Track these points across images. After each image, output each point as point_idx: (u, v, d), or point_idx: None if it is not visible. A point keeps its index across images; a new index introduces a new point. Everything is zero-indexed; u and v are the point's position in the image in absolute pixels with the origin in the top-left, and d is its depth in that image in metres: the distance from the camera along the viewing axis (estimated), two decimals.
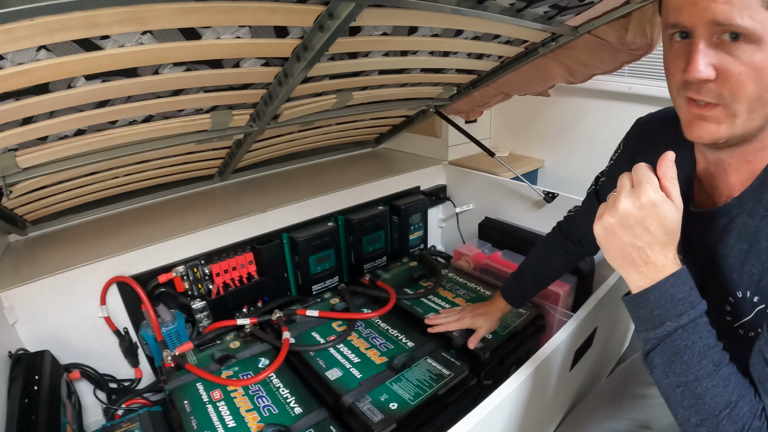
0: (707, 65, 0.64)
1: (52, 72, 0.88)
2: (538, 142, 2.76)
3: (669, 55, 0.72)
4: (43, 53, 0.82)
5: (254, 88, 1.26)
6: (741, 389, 0.64)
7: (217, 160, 1.79)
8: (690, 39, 0.67)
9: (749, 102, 0.65)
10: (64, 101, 0.99)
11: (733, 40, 0.63)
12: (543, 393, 1.10)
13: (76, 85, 0.95)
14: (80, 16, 0.75)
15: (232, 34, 0.96)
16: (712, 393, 0.64)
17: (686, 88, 0.69)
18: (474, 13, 1.12)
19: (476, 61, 1.59)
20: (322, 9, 0.96)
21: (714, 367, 0.65)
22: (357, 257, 1.92)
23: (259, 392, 1.20)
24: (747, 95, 0.64)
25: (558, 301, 1.63)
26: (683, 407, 0.67)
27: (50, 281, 1.30)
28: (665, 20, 0.70)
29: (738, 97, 0.65)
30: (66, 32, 0.79)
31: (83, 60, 0.87)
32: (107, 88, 1.00)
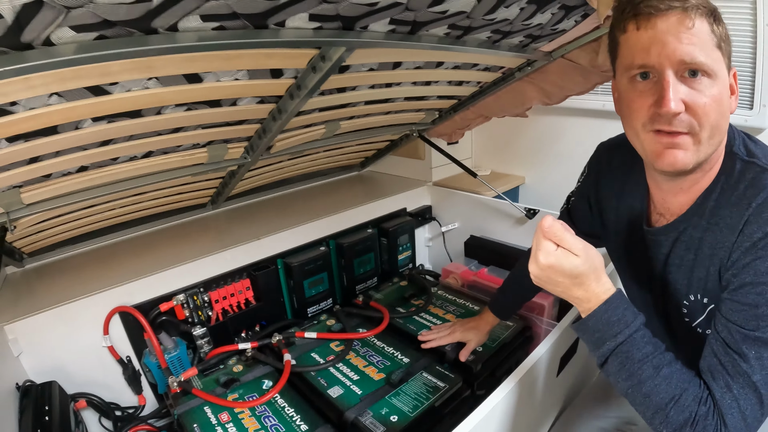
0: (678, 100, 0.73)
1: (62, 116, 0.93)
2: (518, 160, 2.84)
3: (631, 95, 0.80)
4: (55, 98, 0.88)
5: (249, 123, 1.33)
6: (683, 383, 0.75)
7: (210, 189, 1.84)
8: (654, 78, 0.76)
9: (711, 129, 0.75)
10: (70, 142, 1.04)
11: (692, 76, 0.74)
12: (532, 398, 1.16)
13: (83, 126, 1.01)
14: (93, 66, 0.81)
15: (231, 77, 1.03)
16: (656, 391, 0.76)
17: (655, 122, 0.77)
18: (454, 48, 1.20)
19: (456, 88, 1.67)
20: (315, 52, 1.04)
21: (654, 370, 0.76)
22: (349, 279, 1.97)
23: (265, 412, 1.24)
24: (710, 123, 0.75)
25: (543, 312, 1.69)
26: (637, 404, 0.79)
27: (54, 313, 1.33)
28: (628, 63, 0.79)
29: (704, 125, 0.75)
30: (78, 81, 0.85)
31: (92, 104, 0.93)
32: (112, 128, 1.05)
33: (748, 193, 0.76)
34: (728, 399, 0.72)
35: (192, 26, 0.77)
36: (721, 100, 0.75)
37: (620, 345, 0.79)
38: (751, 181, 0.77)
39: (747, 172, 0.78)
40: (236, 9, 0.76)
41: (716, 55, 0.74)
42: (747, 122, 1.98)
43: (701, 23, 0.72)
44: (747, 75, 1.91)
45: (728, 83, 0.77)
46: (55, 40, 0.70)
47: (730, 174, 0.80)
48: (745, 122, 1.98)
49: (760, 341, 0.71)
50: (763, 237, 0.72)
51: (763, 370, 0.71)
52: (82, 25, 0.68)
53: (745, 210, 0.75)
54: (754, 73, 1.90)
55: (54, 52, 0.71)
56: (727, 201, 0.79)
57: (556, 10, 1.17)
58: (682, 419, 0.74)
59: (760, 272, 0.72)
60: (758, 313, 0.72)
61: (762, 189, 0.75)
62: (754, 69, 1.89)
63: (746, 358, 0.72)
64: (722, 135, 0.78)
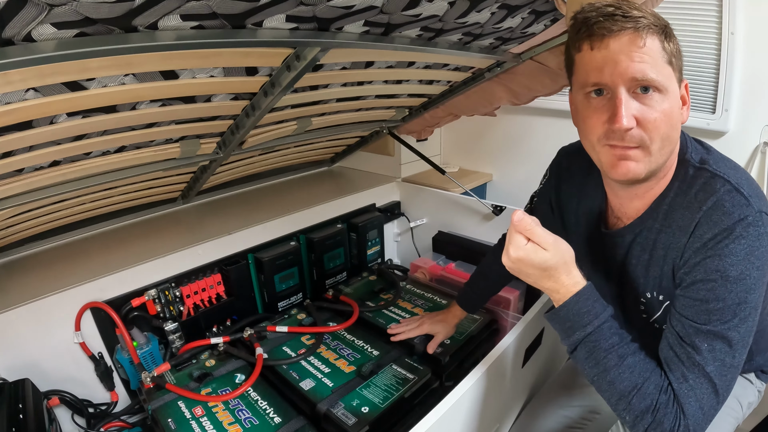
0: (630, 116, 0.78)
1: (38, 111, 0.93)
2: (486, 158, 2.89)
3: (586, 111, 0.85)
4: (31, 93, 0.87)
5: (222, 119, 1.34)
6: (645, 372, 0.80)
7: (181, 184, 1.84)
8: (608, 95, 0.81)
9: (661, 141, 0.80)
10: (44, 136, 1.04)
11: (644, 92, 0.79)
12: (499, 388, 1.20)
13: (58, 121, 1.01)
14: (73, 62, 0.82)
15: (207, 74, 1.05)
16: (620, 379, 0.81)
17: (609, 137, 0.82)
18: (426, 49, 1.24)
19: (427, 86, 1.71)
20: (290, 51, 1.06)
21: (619, 359, 0.81)
22: (319, 274, 2.00)
23: (239, 406, 1.26)
24: (660, 136, 0.80)
25: (509, 306, 1.75)
26: (603, 391, 0.84)
27: (25, 309, 1.31)
28: (582, 80, 0.84)
29: (654, 139, 0.80)
30: (57, 76, 0.85)
31: (68, 99, 0.93)
32: (87, 123, 1.05)
33: (699, 197, 0.81)
34: (685, 389, 0.77)
35: (171, 25, 0.79)
36: (671, 114, 0.80)
37: (588, 335, 0.84)
38: (702, 186, 0.82)
39: (698, 177, 0.83)
40: (216, 9, 0.78)
41: (667, 71, 0.79)
42: (709, 126, 2.06)
43: (652, 41, 0.77)
44: (710, 81, 1.99)
45: (679, 95, 0.82)
46: (35, 37, 0.71)
47: (683, 180, 0.85)
48: (708, 126, 2.06)
49: (711, 334, 0.76)
50: (713, 238, 0.77)
51: (716, 362, 0.76)
52: (64, 22, 0.69)
53: (696, 213, 0.80)
54: (717, 79, 1.98)
55: (34, 49, 0.72)
56: (679, 204, 0.84)
57: (526, 14, 1.22)
58: (643, 406, 0.79)
59: (709, 270, 0.77)
60: (709, 308, 0.77)
61: (712, 193, 0.79)
62: (718, 75, 1.97)
63: (699, 350, 0.77)
64: (673, 145, 0.84)
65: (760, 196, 0.79)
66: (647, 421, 0.79)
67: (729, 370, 0.77)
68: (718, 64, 1.97)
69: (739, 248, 0.75)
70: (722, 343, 0.76)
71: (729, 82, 1.96)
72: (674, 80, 0.80)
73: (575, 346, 0.86)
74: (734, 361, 0.77)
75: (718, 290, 0.76)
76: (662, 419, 0.78)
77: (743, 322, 0.76)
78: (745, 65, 1.95)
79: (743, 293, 0.76)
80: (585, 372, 0.87)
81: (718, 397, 0.77)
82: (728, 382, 0.78)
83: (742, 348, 0.77)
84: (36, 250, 1.67)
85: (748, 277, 0.75)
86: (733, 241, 0.75)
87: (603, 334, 0.83)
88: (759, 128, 1.99)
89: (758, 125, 1.99)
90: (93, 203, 1.62)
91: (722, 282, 0.76)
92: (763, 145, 2.00)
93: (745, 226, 0.75)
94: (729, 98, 1.99)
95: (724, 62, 1.95)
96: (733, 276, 0.75)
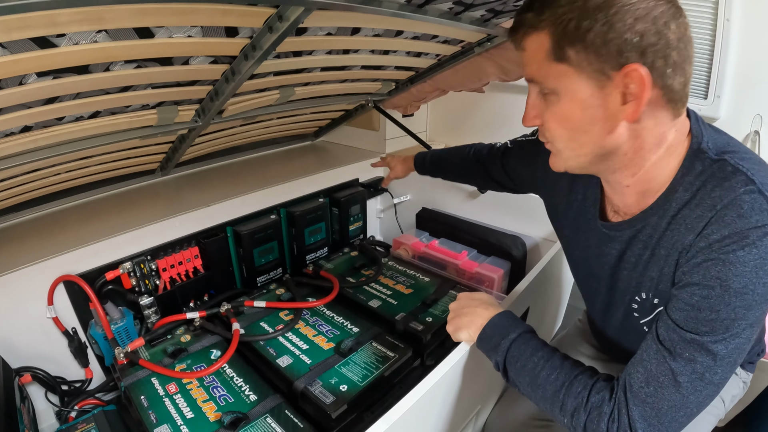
0: (531, 116, 0.82)
1: (6, 69, 0.88)
2: (473, 135, 2.85)
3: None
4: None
5: (201, 84, 1.28)
6: (570, 372, 0.82)
7: (159, 155, 1.78)
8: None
9: (564, 142, 0.79)
10: (14, 98, 0.98)
11: (544, 93, 0.78)
12: (481, 369, 1.17)
13: (27, 81, 0.95)
14: (41, 14, 0.76)
15: (184, 33, 0.99)
16: (547, 380, 0.83)
17: None
18: (414, 16, 1.19)
19: (414, 59, 1.67)
20: (272, 11, 1.01)
21: (544, 362, 0.85)
22: (299, 249, 1.96)
23: (213, 383, 1.23)
24: (559, 137, 0.79)
25: (493, 285, 1.74)
26: (539, 400, 0.86)
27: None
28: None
29: (554, 138, 0.81)
30: (24, 30, 0.79)
31: (37, 57, 0.88)
32: (58, 84, 1.00)
33: (715, 193, 0.72)
34: (643, 395, 0.73)
35: None
36: (564, 117, 0.76)
37: (513, 342, 0.90)
38: (719, 182, 0.72)
39: (716, 171, 0.74)
40: None
41: (556, 70, 0.73)
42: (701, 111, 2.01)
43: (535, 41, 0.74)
44: (704, 66, 1.98)
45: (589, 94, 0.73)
46: None
47: (699, 174, 0.75)
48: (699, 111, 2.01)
49: (695, 344, 0.70)
50: (720, 239, 0.69)
51: (693, 374, 0.71)
52: None
53: (709, 212, 0.71)
54: (710, 65, 1.97)
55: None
56: (690, 201, 0.75)
57: None
58: (576, 404, 0.79)
59: (708, 275, 0.70)
60: (699, 316, 0.70)
61: (730, 191, 0.70)
62: (711, 61, 1.96)
63: (677, 357, 0.72)
64: (588, 147, 0.77)
65: None
66: (582, 419, 0.77)
67: (707, 386, 0.71)
68: (712, 50, 1.95)
69: (748, 258, 0.66)
70: (705, 356, 0.70)
71: (722, 68, 1.95)
72: (573, 79, 0.72)
73: (504, 358, 0.90)
74: (714, 378, 0.71)
75: (714, 300, 0.69)
76: (597, 418, 0.76)
77: (735, 337, 0.69)
78: (740, 53, 1.94)
79: (742, 309, 0.68)
80: (521, 388, 0.90)
81: (686, 412, 0.72)
82: (702, 398, 0.72)
83: (727, 365, 0.71)
84: (8, 224, 1.61)
85: (751, 292, 0.67)
86: (743, 248, 0.67)
87: (527, 341, 0.90)
88: (750, 116, 1.99)
89: (750, 113, 1.99)
90: (68, 173, 1.56)
91: (721, 292, 0.68)
92: (753, 134, 2.00)
93: (761, 235, 0.66)
94: (722, 85, 1.98)
95: (719, 48, 1.94)
96: (735, 288, 0.67)
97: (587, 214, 0.98)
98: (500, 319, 0.95)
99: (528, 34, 0.75)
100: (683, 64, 0.71)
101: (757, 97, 1.98)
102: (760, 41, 1.91)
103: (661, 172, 0.79)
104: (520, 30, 0.76)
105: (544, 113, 0.79)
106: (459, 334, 1.02)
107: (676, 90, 0.72)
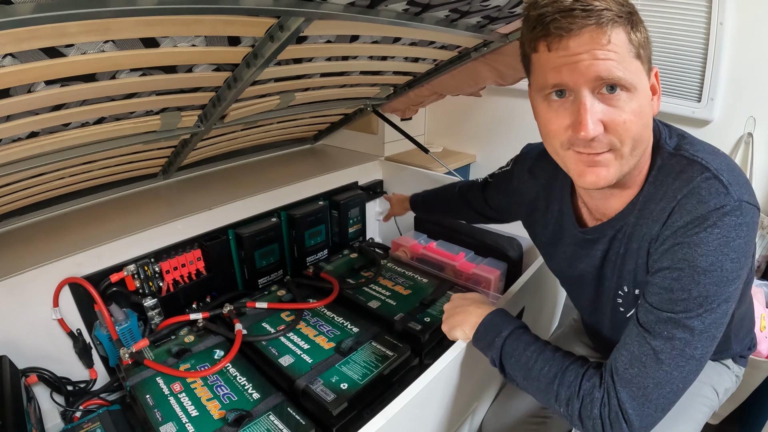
0: (596, 122, 0.73)
1: (15, 78, 0.90)
2: (470, 139, 2.89)
3: (548, 115, 0.79)
4: (8, 59, 0.84)
5: (204, 91, 1.31)
6: (562, 363, 0.85)
7: (161, 159, 1.81)
8: (570, 97, 0.75)
9: (633, 142, 0.75)
10: (22, 105, 1.01)
11: (611, 92, 0.72)
12: (477, 367, 1.20)
13: (36, 89, 0.98)
14: (50, 26, 0.79)
15: (188, 43, 1.02)
16: (541, 372, 0.86)
17: (574, 143, 0.77)
18: (412, 24, 1.22)
19: (412, 64, 1.70)
20: (273, 21, 1.04)
21: (537, 355, 0.88)
22: (300, 251, 1.99)
23: (217, 382, 1.26)
24: (631, 137, 0.75)
25: (490, 286, 1.76)
26: (533, 390, 0.90)
27: (2, 285, 1.28)
28: (541, 82, 0.78)
29: (625, 141, 0.75)
30: (34, 41, 0.82)
31: (46, 66, 0.90)
32: (65, 92, 1.02)
33: (675, 185, 0.77)
34: (629, 375, 0.76)
35: None
36: (641, 113, 0.74)
37: (506, 339, 0.93)
38: (677, 174, 0.78)
39: (674, 164, 0.79)
40: None
41: (635, 67, 0.73)
42: (694, 114, 2.09)
43: (617, 36, 0.70)
44: (697, 69, 2.01)
45: (649, 88, 0.77)
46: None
47: (659, 169, 0.81)
48: (693, 114, 2.09)
49: (672, 322, 0.74)
50: (684, 226, 0.73)
51: (673, 351, 0.74)
52: None
53: (671, 202, 0.76)
54: (704, 67, 2.00)
55: (11, 11, 0.69)
56: (654, 195, 0.81)
57: None
58: (569, 393, 0.82)
59: (677, 258, 0.74)
60: (673, 297, 0.74)
61: (688, 181, 0.75)
62: (705, 64, 1.99)
63: (656, 336, 0.75)
64: (646, 144, 0.80)
65: (742, 183, 0.75)
66: (576, 407, 0.80)
67: (688, 361, 0.74)
68: (705, 53, 1.99)
69: (711, 238, 0.71)
70: (683, 332, 0.73)
71: (716, 71, 1.98)
72: (643, 74, 0.75)
73: (499, 354, 0.94)
74: (695, 353, 0.74)
75: (684, 280, 0.73)
76: (590, 404, 0.79)
77: (710, 313, 0.73)
78: (733, 56, 1.97)
79: (712, 286, 0.72)
80: (518, 382, 0.93)
81: (672, 387, 0.75)
82: (686, 374, 0.75)
83: (706, 340, 0.74)
84: (14, 226, 1.63)
85: (719, 269, 0.71)
86: (705, 230, 0.71)
87: (520, 336, 0.93)
88: (743, 118, 2.02)
89: (743, 115, 2.02)
90: (72, 178, 1.59)
91: (689, 272, 0.72)
92: (746, 135, 2.03)
93: (720, 216, 0.71)
94: (715, 88, 2.01)
95: (712, 52, 1.97)
96: (702, 267, 0.72)
97: (565, 225, 1.03)
98: (493, 317, 0.99)
99: (615, 26, 0.70)
100: None
101: (750, 100, 2.01)
102: (752, 45, 1.94)
103: (643, 169, 0.84)
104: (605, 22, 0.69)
105: (614, 115, 0.73)
106: (454, 332, 1.06)
107: None
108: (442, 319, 1.11)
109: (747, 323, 1.11)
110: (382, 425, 0.84)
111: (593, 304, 1.05)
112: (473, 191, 1.41)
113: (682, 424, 1.01)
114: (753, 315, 1.13)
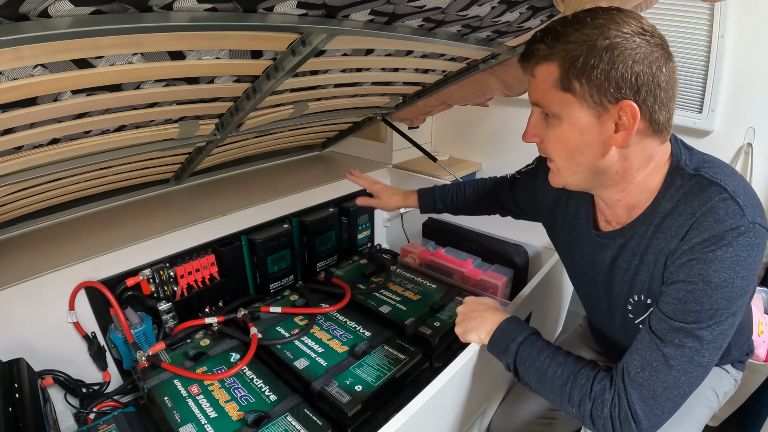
0: (531, 133, 0.91)
1: (45, 87, 0.93)
2: (477, 147, 2.92)
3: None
4: (39, 69, 0.87)
5: (223, 101, 1.35)
6: (574, 366, 0.90)
7: (175, 165, 1.84)
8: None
9: (563, 161, 0.89)
10: (47, 113, 1.03)
11: (546, 116, 0.87)
12: (487, 370, 1.22)
13: (62, 98, 1.00)
14: (86, 40, 0.82)
15: (213, 56, 1.05)
16: (554, 375, 0.91)
17: None
18: (426, 39, 1.26)
19: (422, 75, 1.73)
20: (296, 36, 1.07)
21: (549, 360, 0.93)
22: (310, 257, 2.02)
23: (234, 384, 1.28)
24: (559, 156, 0.89)
25: (497, 292, 1.79)
26: (546, 393, 0.94)
27: (19, 288, 1.30)
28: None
29: (554, 157, 0.90)
30: (68, 53, 0.85)
31: (75, 77, 0.93)
32: (90, 101, 1.05)
33: (694, 203, 0.81)
34: (641, 379, 0.81)
35: (186, 6, 0.80)
36: (563, 140, 0.86)
37: (520, 345, 0.97)
38: (697, 193, 0.82)
39: (694, 185, 0.83)
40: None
41: (561, 97, 0.82)
42: (695, 125, 2.12)
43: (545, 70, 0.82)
44: (698, 81, 2.04)
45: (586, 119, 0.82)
46: (52, 13, 0.71)
47: (678, 188, 0.85)
48: (694, 124, 2.12)
49: (683, 331, 0.79)
50: (701, 242, 0.78)
51: (682, 357, 0.79)
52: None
53: (690, 219, 0.81)
54: (705, 79, 2.03)
55: (49, 25, 0.72)
56: (673, 212, 0.85)
57: (525, 9, 1.25)
58: (581, 395, 0.86)
59: (692, 273, 0.79)
60: (686, 308, 0.79)
61: (707, 200, 0.79)
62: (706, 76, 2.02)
63: (668, 344, 0.80)
64: (583, 168, 0.88)
65: (756, 206, 0.80)
66: (588, 407, 0.85)
67: (696, 368, 0.79)
68: (707, 65, 2.02)
69: (725, 256, 0.76)
70: (693, 341, 0.78)
71: (717, 83, 2.02)
72: (575, 107, 0.82)
73: (514, 359, 0.98)
74: (703, 360, 0.79)
75: (697, 293, 0.78)
76: (601, 405, 0.83)
77: (718, 324, 0.78)
78: (733, 68, 2.01)
79: (723, 300, 0.77)
80: (531, 386, 0.97)
81: (679, 391, 0.80)
82: (693, 379, 0.80)
83: (712, 349, 0.79)
84: (30, 229, 1.66)
85: (730, 285, 0.76)
86: (721, 248, 0.76)
87: (533, 342, 0.97)
88: (744, 129, 2.05)
89: (743, 126, 2.05)
90: (87, 182, 1.62)
91: (703, 286, 0.77)
92: (747, 146, 2.06)
93: (735, 236, 0.76)
94: (716, 99, 2.05)
95: (713, 64, 2.01)
96: (716, 282, 0.76)
97: (581, 226, 1.07)
98: (507, 324, 1.02)
99: (539, 63, 0.83)
100: (668, 102, 0.82)
101: (750, 111, 2.05)
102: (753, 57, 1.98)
103: (647, 187, 0.89)
104: (532, 59, 0.84)
105: (546, 133, 0.88)
106: (468, 336, 1.09)
107: (661, 123, 0.83)
108: (456, 321, 1.13)
109: (746, 331, 1.16)
110: (403, 423, 0.87)
111: (603, 308, 1.09)
112: (503, 187, 1.45)
113: (684, 424, 1.06)
114: (751, 323, 1.20)
